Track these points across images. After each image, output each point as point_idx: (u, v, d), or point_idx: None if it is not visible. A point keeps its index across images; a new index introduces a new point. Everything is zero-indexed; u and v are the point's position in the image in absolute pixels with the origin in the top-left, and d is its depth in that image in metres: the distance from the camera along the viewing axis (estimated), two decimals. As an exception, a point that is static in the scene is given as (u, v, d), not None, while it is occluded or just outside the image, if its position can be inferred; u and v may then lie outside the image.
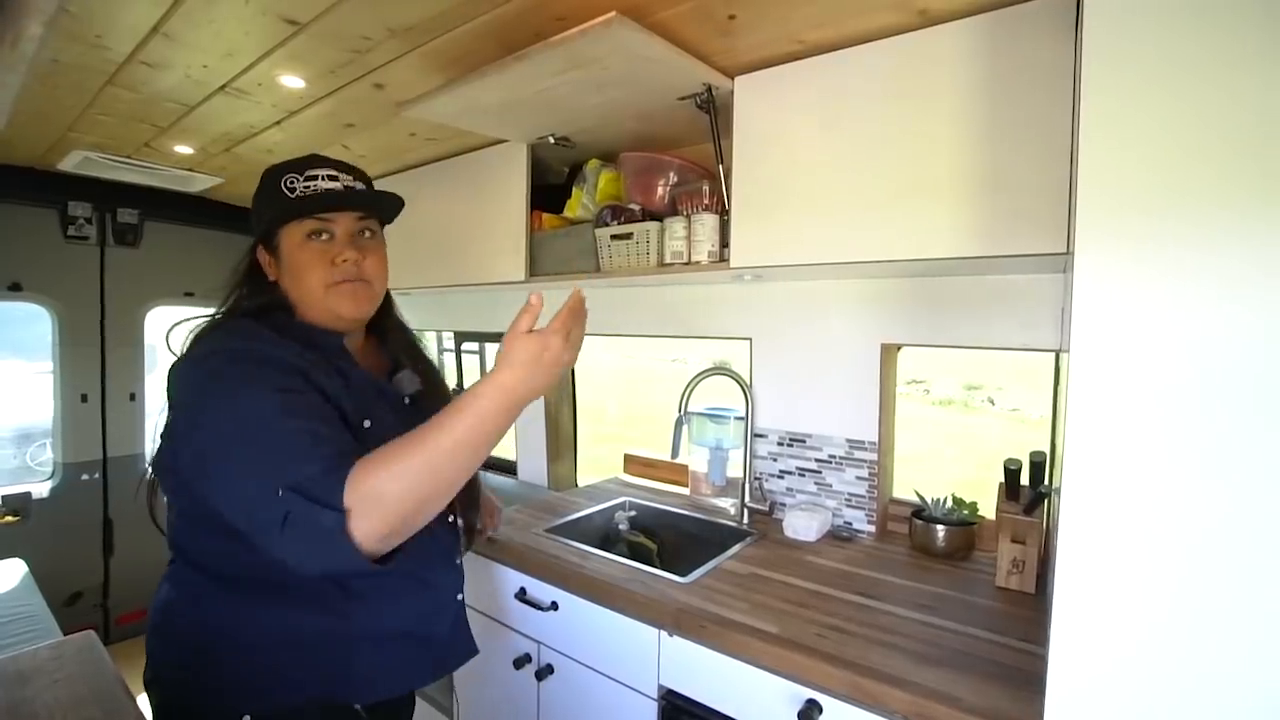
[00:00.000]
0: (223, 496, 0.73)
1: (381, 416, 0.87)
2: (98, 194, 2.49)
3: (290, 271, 0.89)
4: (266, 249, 0.91)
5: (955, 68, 1.08)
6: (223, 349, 0.79)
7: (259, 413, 0.72)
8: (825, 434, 1.60)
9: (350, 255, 0.89)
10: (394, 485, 0.66)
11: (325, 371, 0.83)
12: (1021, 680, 0.91)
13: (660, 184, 1.56)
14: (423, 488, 0.68)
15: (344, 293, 0.89)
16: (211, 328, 0.86)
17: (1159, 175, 0.67)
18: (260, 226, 0.90)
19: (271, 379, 0.76)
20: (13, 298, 2.38)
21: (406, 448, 0.68)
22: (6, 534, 2.34)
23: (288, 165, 0.89)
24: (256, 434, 0.71)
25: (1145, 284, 0.68)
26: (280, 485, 0.66)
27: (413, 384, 0.96)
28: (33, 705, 0.85)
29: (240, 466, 0.71)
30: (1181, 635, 0.68)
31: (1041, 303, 1.29)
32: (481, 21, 1.17)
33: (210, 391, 0.76)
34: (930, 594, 1.22)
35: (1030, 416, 7.51)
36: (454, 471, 0.69)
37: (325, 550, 0.65)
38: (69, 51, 1.31)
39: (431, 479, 0.68)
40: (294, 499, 0.65)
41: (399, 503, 0.66)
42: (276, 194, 0.87)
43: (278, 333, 0.83)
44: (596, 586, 1.28)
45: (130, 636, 2.61)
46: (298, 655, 0.84)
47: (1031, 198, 1.02)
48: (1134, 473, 0.70)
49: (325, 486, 0.65)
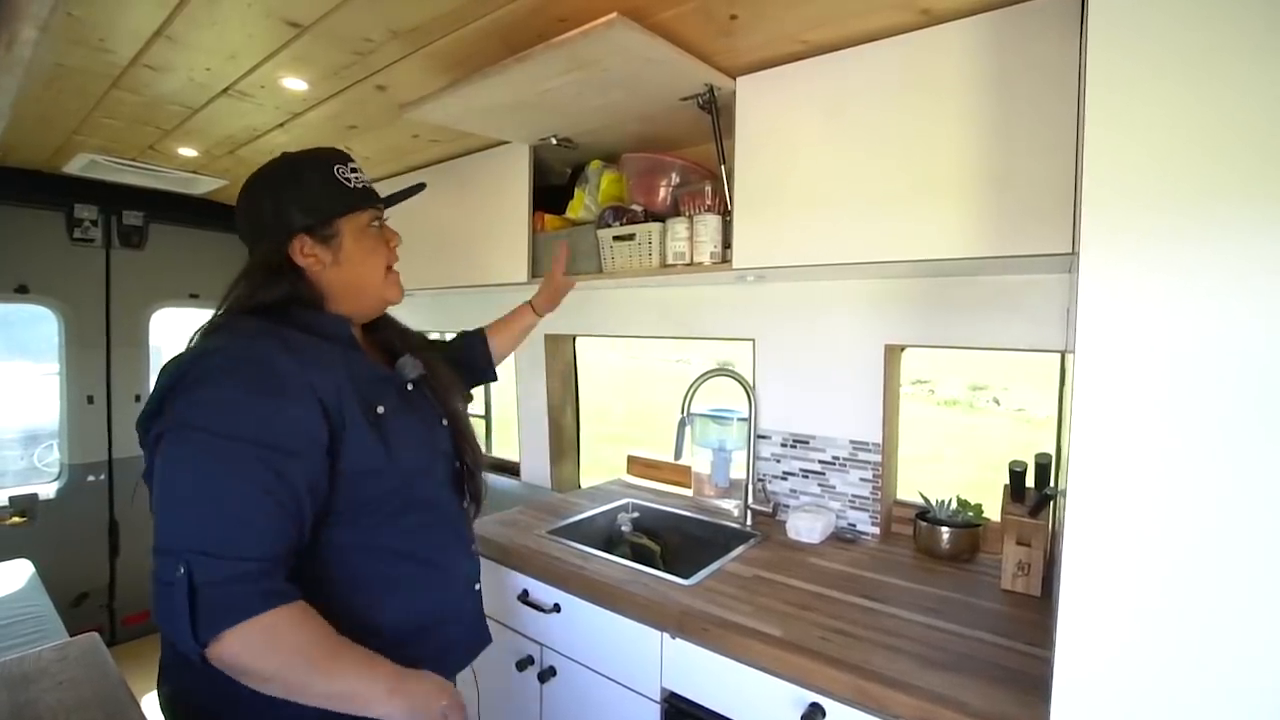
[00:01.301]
0: (156, 510, 0.72)
1: (391, 402, 0.87)
2: (103, 197, 2.50)
3: (352, 259, 0.89)
4: (315, 238, 0.87)
5: (959, 67, 1.07)
6: (217, 349, 0.76)
7: (226, 453, 0.71)
8: (829, 435, 1.59)
9: (397, 241, 0.96)
10: (255, 671, 0.69)
11: (334, 366, 0.81)
12: (1028, 684, 0.90)
13: (662, 185, 1.55)
14: (287, 689, 0.71)
15: (393, 281, 0.96)
16: (214, 328, 0.82)
17: (1165, 172, 0.67)
18: (315, 214, 0.86)
19: (255, 403, 0.73)
20: (19, 299, 2.39)
21: (309, 650, 0.71)
22: (13, 535, 2.35)
23: (330, 155, 0.90)
24: (208, 486, 0.70)
25: (1151, 282, 0.68)
26: (184, 563, 0.66)
27: (415, 369, 0.95)
28: (36, 708, 0.85)
29: (177, 501, 0.70)
30: (1189, 639, 0.67)
31: (1047, 303, 1.28)
32: (484, 23, 1.17)
33: (188, 397, 0.73)
34: (935, 597, 1.21)
35: (1036, 416, 7.46)
36: (311, 701, 0.72)
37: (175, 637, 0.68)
38: (73, 55, 1.32)
39: (300, 690, 0.71)
40: (182, 591, 0.66)
41: (252, 679, 0.70)
42: (334, 184, 0.88)
43: (290, 328, 0.82)
44: (599, 588, 1.28)
45: (136, 637, 2.63)
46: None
47: (1037, 197, 1.01)
48: (1141, 474, 0.69)
49: (212, 617, 0.67)
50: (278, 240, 0.86)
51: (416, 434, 0.90)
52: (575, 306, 2.07)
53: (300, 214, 0.86)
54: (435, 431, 0.95)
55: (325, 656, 0.72)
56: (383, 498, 0.85)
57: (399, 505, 0.87)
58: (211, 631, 0.66)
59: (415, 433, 0.90)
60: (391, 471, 0.84)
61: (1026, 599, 1.20)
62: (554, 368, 2.19)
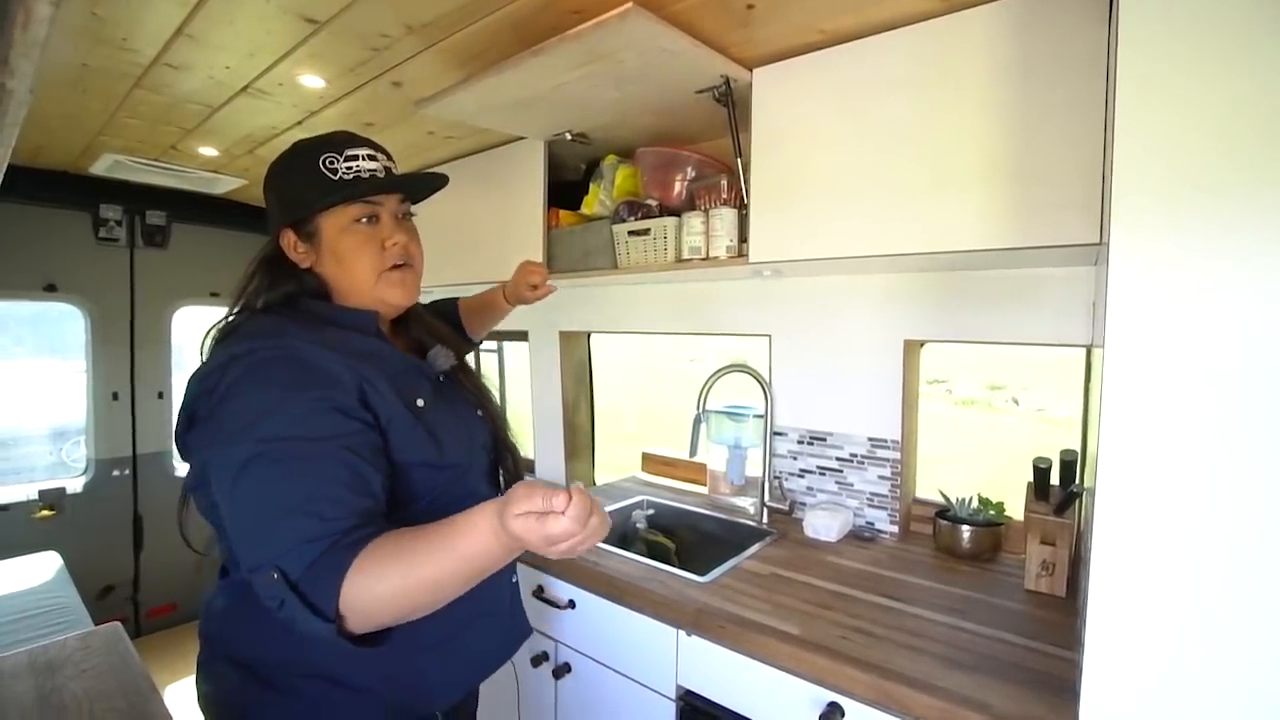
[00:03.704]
0: (229, 536, 0.70)
1: (428, 395, 0.84)
2: (127, 197, 2.55)
3: (335, 257, 0.83)
4: (298, 234, 0.84)
5: (981, 54, 1.04)
6: (245, 353, 0.73)
7: (274, 452, 0.67)
8: (846, 432, 1.57)
9: (400, 239, 0.85)
10: (384, 603, 0.64)
11: (366, 357, 0.78)
12: (1054, 686, 0.88)
13: (678, 179, 1.54)
14: (415, 604, 0.65)
15: (393, 281, 0.86)
16: (231, 330, 0.80)
17: (1199, 160, 0.64)
18: (294, 209, 0.82)
19: (295, 397, 0.70)
20: (48, 298, 2.45)
21: (409, 556, 0.64)
22: (43, 528, 2.40)
23: (322, 143, 0.82)
24: (262, 488, 0.67)
25: (1186, 272, 0.65)
26: (274, 567, 0.63)
27: (447, 360, 0.91)
28: (61, 695, 0.87)
29: (244, 517, 0.68)
30: (1224, 642, 0.65)
31: (1071, 296, 1.25)
32: (498, 16, 1.16)
33: (225, 410, 0.70)
34: (956, 596, 1.18)
35: (1056, 416, 7.29)
36: (449, 593, 0.67)
37: (316, 640, 0.64)
38: (97, 55, 1.34)
39: (428, 598, 0.65)
40: (286, 592, 0.63)
41: (390, 618, 0.65)
42: (315, 175, 0.80)
43: (312, 321, 0.80)
44: (614, 585, 1.27)
45: (159, 629, 2.68)
46: (374, 665, 0.79)
47: (1062, 187, 0.98)
48: (1173, 471, 0.67)
49: (322, 590, 0.62)
50: (273, 235, 0.85)
51: (457, 427, 0.87)
52: (589, 303, 2.08)
53: (282, 208, 0.84)
54: (473, 424, 0.92)
55: (426, 559, 0.64)
56: (435, 491, 0.82)
57: (448, 499, 0.84)
58: (330, 603, 0.62)
59: (456, 426, 0.87)
60: (443, 465, 0.82)
61: (1051, 599, 1.17)
62: (568, 365, 2.19)
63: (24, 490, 2.42)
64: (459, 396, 0.93)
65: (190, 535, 0.85)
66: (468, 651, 0.89)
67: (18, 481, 2.48)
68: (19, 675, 0.92)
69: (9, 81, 0.36)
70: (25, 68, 0.35)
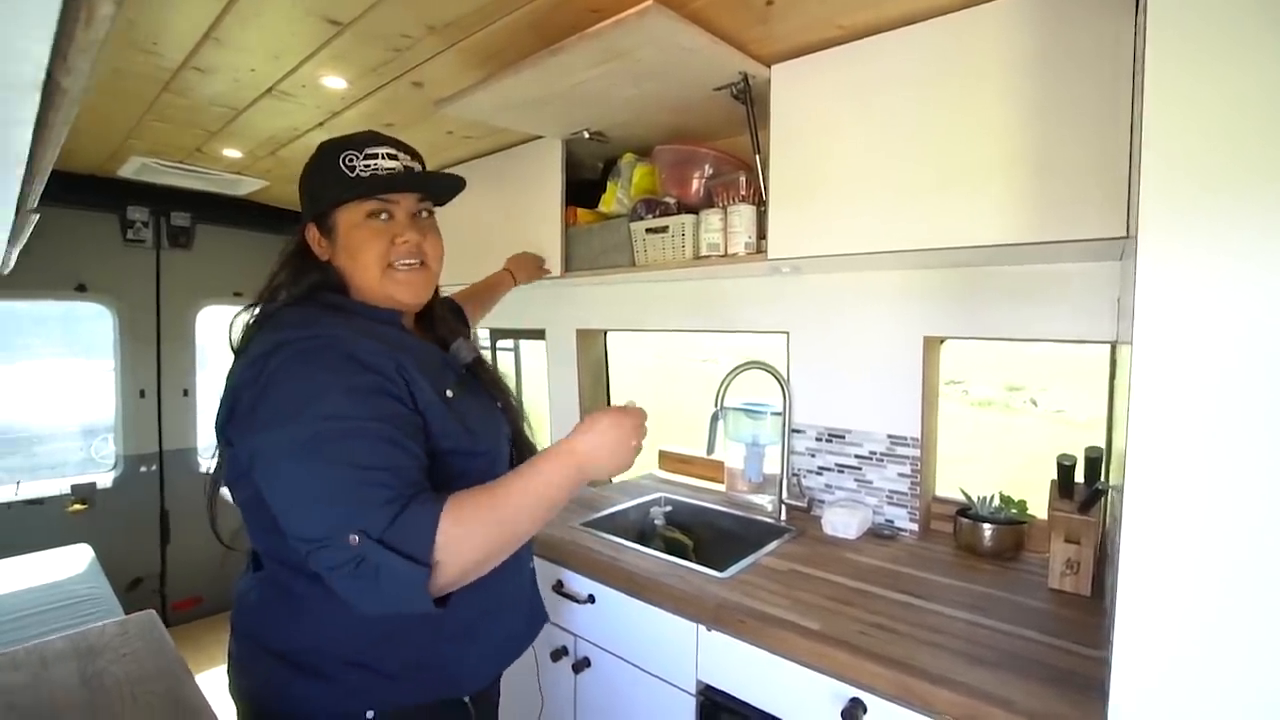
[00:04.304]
0: (283, 518, 0.71)
1: (454, 386, 0.85)
2: (153, 199, 2.61)
3: (346, 250, 0.85)
4: (320, 229, 0.87)
5: (1002, 47, 1.04)
6: (287, 341, 0.74)
7: (330, 430, 0.69)
8: (865, 429, 1.56)
9: (412, 237, 0.86)
10: (476, 540, 0.69)
11: (397, 347, 0.80)
12: (1080, 685, 0.87)
13: (695, 176, 1.54)
14: (501, 542, 0.71)
15: (400, 280, 0.87)
16: (264, 317, 0.82)
17: (1231, 150, 0.63)
18: (315, 205, 0.86)
19: (343, 381, 0.71)
20: (79, 298, 2.51)
21: (488, 500, 0.71)
22: (75, 521, 2.47)
23: (345, 141, 0.85)
24: (326, 463, 0.68)
25: (1216, 265, 0.64)
26: (354, 529, 0.65)
27: (470, 352, 0.93)
28: (102, 679, 0.90)
29: (307, 494, 0.68)
30: (1258, 639, 0.64)
31: (1095, 292, 1.23)
32: (517, 15, 1.17)
33: (275, 394, 0.71)
34: (979, 594, 1.17)
35: (1076, 418, 7.14)
36: (528, 527, 0.74)
37: (397, 598, 0.66)
38: (128, 59, 1.37)
39: (511, 534, 0.72)
40: (372, 547, 0.64)
41: (477, 560, 0.70)
42: (335, 172, 0.83)
43: (340, 313, 0.82)
44: (633, 580, 1.28)
45: (185, 621, 2.74)
46: (401, 652, 0.82)
47: (1086, 179, 0.97)
48: (1204, 467, 0.66)
49: (414, 538, 0.65)
50: (300, 229, 0.89)
51: (484, 417, 0.89)
52: (607, 302, 2.09)
53: (308, 203, 0.88)
54: (495, 416, 0.94)
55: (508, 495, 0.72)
56: (469, 478, 0.82)
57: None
58: (426, 548, 0.65)
59: (483, 416, 0.89)
60: (476, 452, 0.84)
61: (1076, 598, 1.16)
62: (585, 363, 2.20)
63: (57, 485, 2.49)
64: (481, 389, 0.95)
65: (222, 531, 0.86)
66: (493, 637, 0.91)
67: (51, 476, 2.56)
68: (63, 659, 0.96)
69: (65, 80, 0.37)
70: (82, 66, 0.36)
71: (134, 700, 0.86)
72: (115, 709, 0.85)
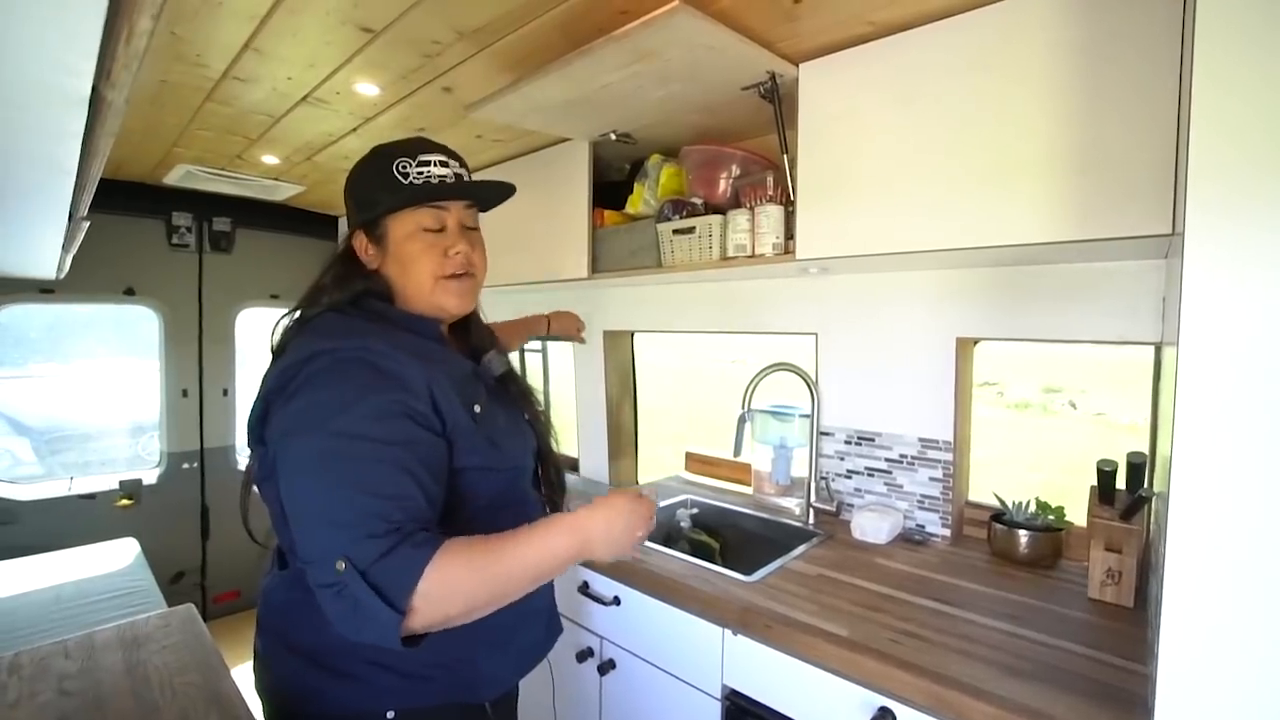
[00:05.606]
0: (291, 526, 0.72)
1: (484, 400, 0.85)
2: (196, 205, 2.71)
3: (399, 261, 0.85)
4: (369, 236, 0.87)
5: (1042, 39, 1.00)
6: (322, 350, 0.75)
7: (345, 448, 0.69)
8: (896, 433, 1.53)
9: (463, 248, 0.87)
10: (460, 596, 0.67)
11: (433, 361, 0.80)
12: (1124, 700, 0.84)
13: (723, 177, 1.54)
14: (488, 600, 0.70)
15: (450, 289, 0.87)
16: (305, 321, 0.83)
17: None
18: (367, 211, 0.85)
19: (368, 399, 0.72)
20: (127, 301, 2.63)
21: (483, 556, 0.69)
22: (123, 515, 2.58)
23: (397, 147, 0.85)
24: (334, 481, 0.68)
25: (1266, 264, 0.61)
26: (342, 556, 0.65)
27: (501, 365, 0.94)
28: (145, 668, 0.94)
29: (310, 509, 0.69)
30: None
31: (1138, 291, 1.19)
32: (546, 19, 1.19)
33: (300, 402, 0.73)
34: (1014, 603, 1.14)
35: (1118, 421, 6.88)
36: (518, 590, 0.72)
37: (370, 632, 0.66)
38: (175, 72, 1.43)
39: (500, 593, 0.71)
40: (354, 579, 0.64)
41: (461, 613, 0.69)
42: (388, 178, 0.83)
43: (381, 322, 0.82)
44: (659, 582, 1.27)
45: (223, 615, 2.83)
46: (424, 654, 0.79)
47: (1131, 174, 0.93)
48: (1254, 476, 0.62)
49: (395, 582, 0.65)
50: (348, 235, 0.89)
51: (512, 432, 0.89)
52: (634, 303, 2.09)
53: (356, 210, 0.87)
54: (522, 430, 0.94)
55: (504, 555, 0.70)
56: (493, 493, 0.84)
57: (504, 501, 0.86)
58: (404, 594, 0.64)
59: (511, 431, 0.89)
60: (502, 468, 0.85)
61: (1117, 609, 1.12)
62: (612, 365, 2.20)
63: (106, 480, 2.60)
64: (511, 402, 0.95)
65: (254, 527, 0.88)
66: (517, 645, 0.91)
67: (101, 472, 2.67)
68: (110, 648, 1.01)
69: (109, 93, 0.39)
70: (125, 79, 0.37)
71: (173, 690, 0.90)
72: (156, 698, 0.88)
